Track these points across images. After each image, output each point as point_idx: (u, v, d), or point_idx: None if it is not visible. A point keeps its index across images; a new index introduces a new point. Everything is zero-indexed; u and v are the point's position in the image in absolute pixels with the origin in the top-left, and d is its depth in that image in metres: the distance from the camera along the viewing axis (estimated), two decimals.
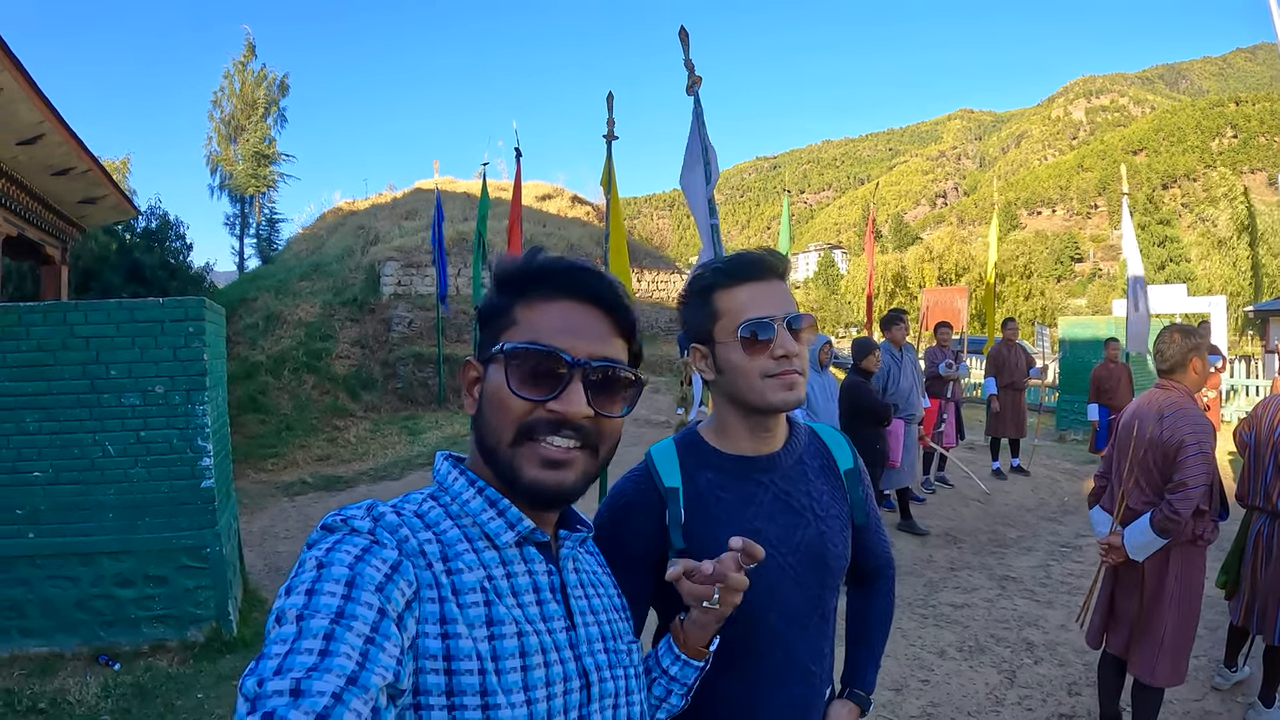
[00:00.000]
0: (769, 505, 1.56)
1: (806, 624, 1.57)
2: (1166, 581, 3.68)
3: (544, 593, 1.07)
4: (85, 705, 4.58)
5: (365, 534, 0.93)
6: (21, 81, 6.09)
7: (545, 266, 1.11)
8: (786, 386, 1.50)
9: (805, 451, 1.64)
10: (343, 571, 0.85)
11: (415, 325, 17.34)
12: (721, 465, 1.58)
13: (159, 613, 5.34)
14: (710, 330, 1.55)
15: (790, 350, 1.49)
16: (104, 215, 10.85)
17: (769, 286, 1.53)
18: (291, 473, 11.43)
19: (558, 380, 1.04)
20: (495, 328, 1.11)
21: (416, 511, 1.04)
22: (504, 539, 1.05)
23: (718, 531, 1.51)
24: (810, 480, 1.61)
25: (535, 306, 1.09)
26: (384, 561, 0.89)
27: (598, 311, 1.11)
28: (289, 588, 0.85)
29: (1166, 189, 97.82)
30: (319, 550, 0.90)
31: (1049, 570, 6.80)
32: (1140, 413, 3.79)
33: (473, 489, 1.08)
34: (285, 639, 0.78)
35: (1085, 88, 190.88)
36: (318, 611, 0.80)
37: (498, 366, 1.06)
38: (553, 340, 1.05)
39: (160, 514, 5.36)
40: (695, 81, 5.83)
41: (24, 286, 13.78)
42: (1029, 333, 30.35)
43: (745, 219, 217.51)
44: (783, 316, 1.50)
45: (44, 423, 5.23)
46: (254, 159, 33.50)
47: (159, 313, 5.37)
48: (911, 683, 4.75)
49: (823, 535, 1.56)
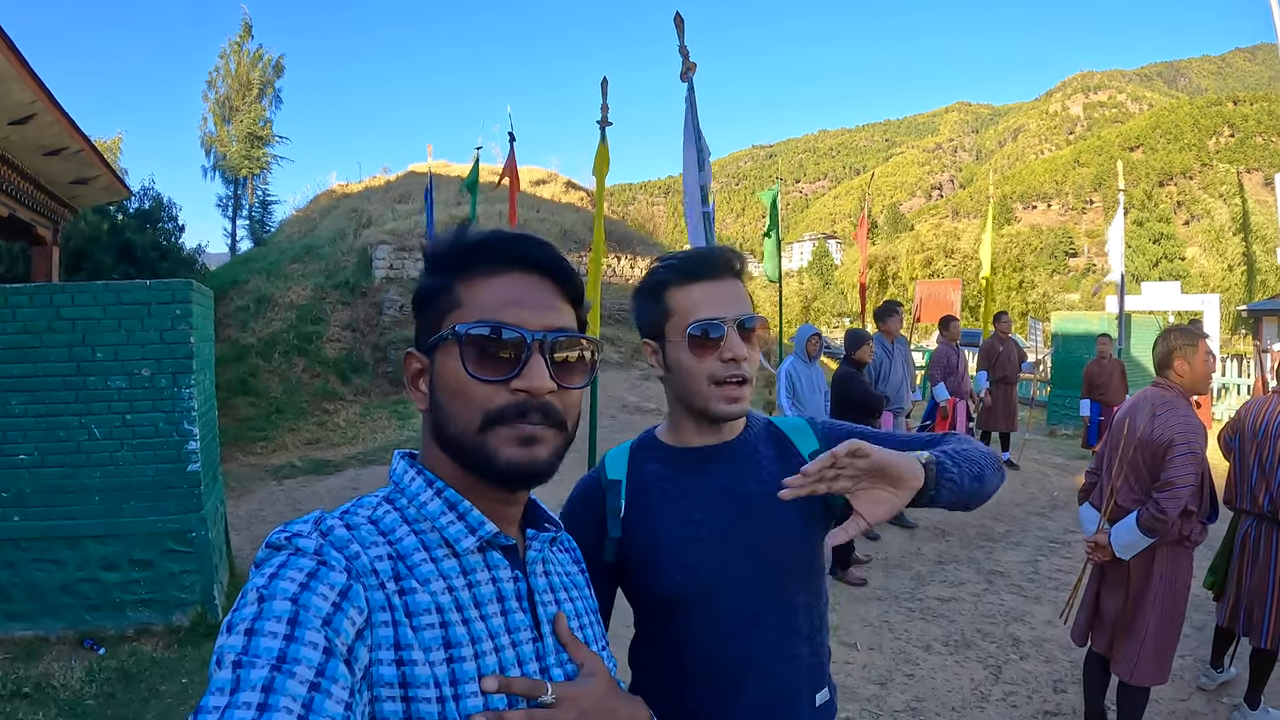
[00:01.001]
0: (710, 495, 1.51)
1: (763, 621, 1.49)
2: (1151, 581, 3.68)
3: (509, 601, 1.02)
4: (70, 689, 4.56)
5: (311, 555, 0.87)
6: (13, 60, 6.02)
7: (484, 239, 1.05)
8: (729, 400, 1.48)
9: (760, 440, 1.59)
10: (284, 606, 0.80)
11: (407, 309, 17.26)
12: (667, 458, 1.57)
13: (144, 597, 5.32)
14: (662, 327, 1.53)
15: (739, 354, 1.46)
16: (96, 195, 10.76)
17: (723, 286, 1.51)
18: (281, 456, 11.42)
19: (517, 357, 0.99)
20: (436, 311, 1.04)
21: (371, 518, 0.99)
22: (464, 545, 0.99)
23: (655, 524, 1.52)
24: (763, 468, 1.54)
25: (478, 282, 1.03)
26: (331, 588, 0.84)
27: (545, 280, 1.06)
28: (230, 624, 0.80)
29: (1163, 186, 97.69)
30: (261, 578, 0.84)
31: (1037, 566, 6.81)
32: (1133, 410, 3.80)
33: (430, 490, 1.02)
34: (223, 688, 0.74)
35: (1083, 83, 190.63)
36: (257, 658, 0.75)
37: (448, 352, 1.01)
38: (505, 315, 1.00)
39: (146, 498, 5.33)
40: (690, 68, 5.81)
41: (15, 267, 13.72)
42: (1022, 326, 30.41)
43: (740, 207, 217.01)
44: (734, 318, 1.47)
45: (30, 405, 5.20)
46: (248, 140, 33.42)
47: (146, 295, 5.33)
48: (896, 677, 4.76)
49: (774, 525, 1.49)
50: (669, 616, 1.52)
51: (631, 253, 22.95)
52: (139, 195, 18.41)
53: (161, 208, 18.78)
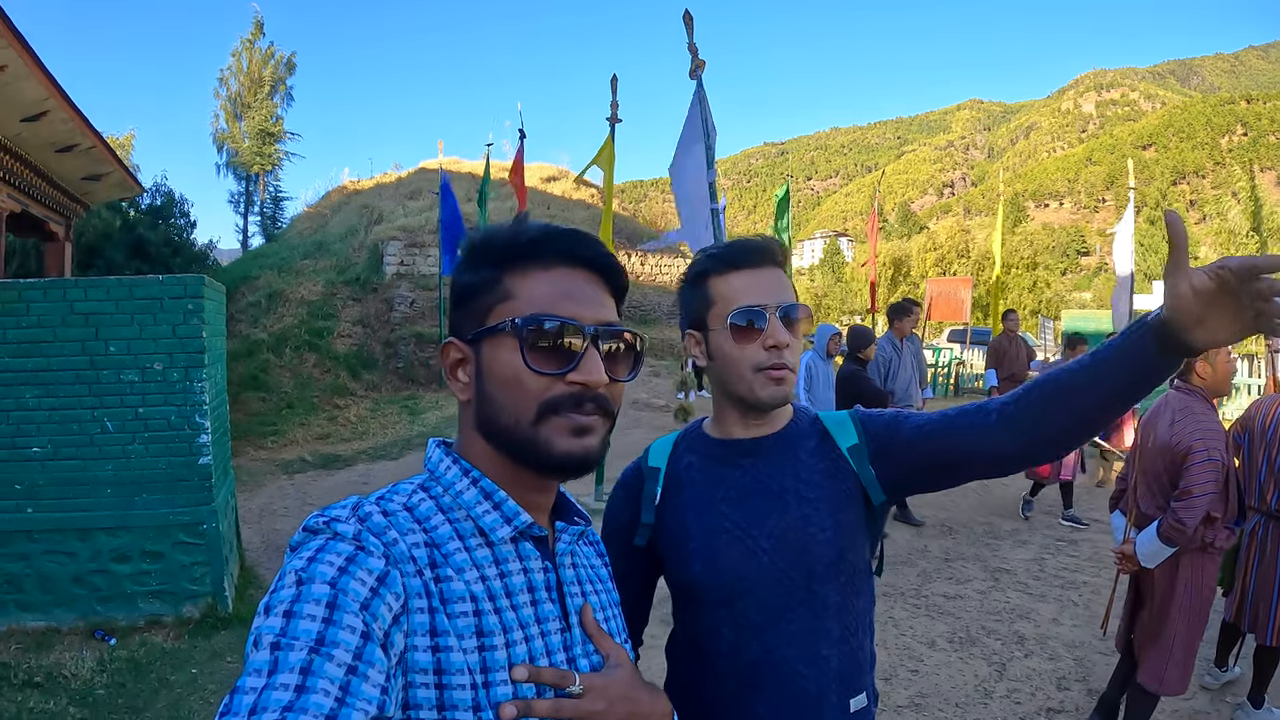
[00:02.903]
0: (742, 489, 1.50)
1: (789, 619, 1.45)
2: (1176, 588, 3.66)
3: (539, 592, 1.03)
4: (80, 679, 4.61)
5: (350, 540, 0.87)
6: (26, 58, 6.08)
7: (540, 233, 1.05)
8: (774, 381, 1.46)
9: (802, 435, 1.55)
10: (323, 590, 0.80)
11: (417, 305, 17.37)
12: (706, 449, 1.57)
13: (155, 588, 5.37)
14: (704, 316, 1.52)
15: (781, 341, 1.44)
16: (108, 192, 10.85)
17: (765, 274, 1.49)
18: (291, 451, 11.47)
19: (574, 350, 1.00)
20: (482, 303, 1.04)
21: (406, 504, 0.99)
22: (499, 534, 1.00)
23: (685, 512, 1.52)
24: (800, 462, 1.50)
25: (530, 275, 1.03)
26: (370, 573, 0.85)
27: (594, 275, 1.07)
28: (267, 605, 0.80)
29: (1175, 185, 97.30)
30: (299, 560, 0.85)
31: (1043, 564, 6.81)
32: (1156, 415, 3.78)
33: (466, 479, 1.03)
34: (261, 669, 0.74)
35: (1096, 81, 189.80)
36: (296, 640, 0.76)
37: (503, 344, 1.01)
38: (560, 309, 1.01)
39: (158, 490, 5.37)
40: (698, 66, 5.83)
41: (28, 263, 13.82)
42: (1032, 325, 30.29)
43: (751, 204, 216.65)
44: (776, 305, 1.46)
45: (43, 399, 5.25)
46: (260, 137, 33.53)
47: (158, 290, 5.37)
48: (901, 672, 4.77)
49: (805, 521, 1.45)
50: (696, 608, 1.52)
51: (641, 250, 22.96)
52: (151, 191, 18.54)
53: (173, 204, 18.90)
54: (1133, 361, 1.20)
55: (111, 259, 14.82)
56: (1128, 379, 1.22)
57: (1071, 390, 1.28)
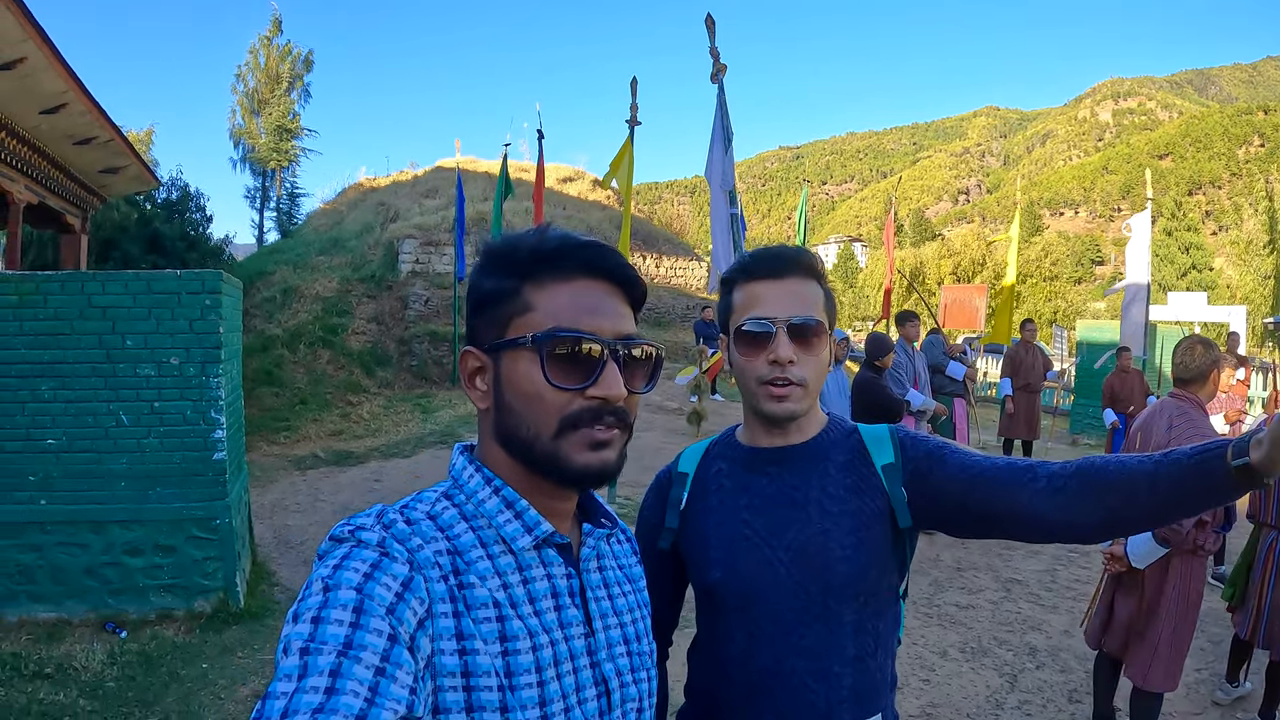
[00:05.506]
0: (766, 498, 1.49)
1: (802, 632, 1.43)
2: (1165, 589, 3.70)
3: (562, 598, 1.04)
4: (91, 671, 4.63)
5: (374, 546, 0.89)
6: (46, 51, 6.10)
7: (561, 244, 1.04)
8: (774, 398, 1.45)
9: (834, 447, 1.52)
10: (350, 595, 0.82)
11: (432, 304, 17.41)
12: (734, 456, 1.57)
13: (167, 582, 5.39)
14: (727, 323, 1.54)
15: (782, 356, 1.43)
16: (125, 185, 10.89)
17: (782, 285, 1.47)
18: (304, 447, 11.49)
19: (593, 364, 1.00)
20: (501, 313, 1.03)
21: (429, 513, 1.00)
22: (521, 544, 1.01)
23: (708, 518, 1.52)
24: (828, 475, 1.48)
25: (549, 287, 1.02)
26: (394, 578, 0.86)
27: (614, 287, 1.06)
28: (295, 613, 0.82)
29: (1191, 195, 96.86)
30: (326, 568, 0.86)
31: (1055, 575, 6.77)
32: (1151, 421, 3.80)
33: (489, 488, 1.03)
34: (291, 674, 0.75)
35: (1113, 89, 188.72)
36: (324, 644, 0.77)
37: (522, 357, 1.00)
38: (580, 323, 1.00)
39: (171, 484, 5.40)
40: (720, 70, 5.82)
41: (44, 255, 13.89)
42: (1047, 334, 30.19)
43: (766, 208, 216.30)
44: (785, 319, 1.44)
45: (59, 391, 5.27)
46: (277, 133, 33.60)
47: (176, 284, 5.40)
48: (912, 682, 4.75)
49: (825, 535, 1.42)
50: (713, 613, 1.52)
51: (657, 252, 22.98)
52: (167, 186, 18.58)
53: (190, 198, 18.93)
54: (1201, 482, 1.16)
55: (128, 252, 14.86)
56: (1189, 495, 1.19)
57: (1130, 485, 1.23)
